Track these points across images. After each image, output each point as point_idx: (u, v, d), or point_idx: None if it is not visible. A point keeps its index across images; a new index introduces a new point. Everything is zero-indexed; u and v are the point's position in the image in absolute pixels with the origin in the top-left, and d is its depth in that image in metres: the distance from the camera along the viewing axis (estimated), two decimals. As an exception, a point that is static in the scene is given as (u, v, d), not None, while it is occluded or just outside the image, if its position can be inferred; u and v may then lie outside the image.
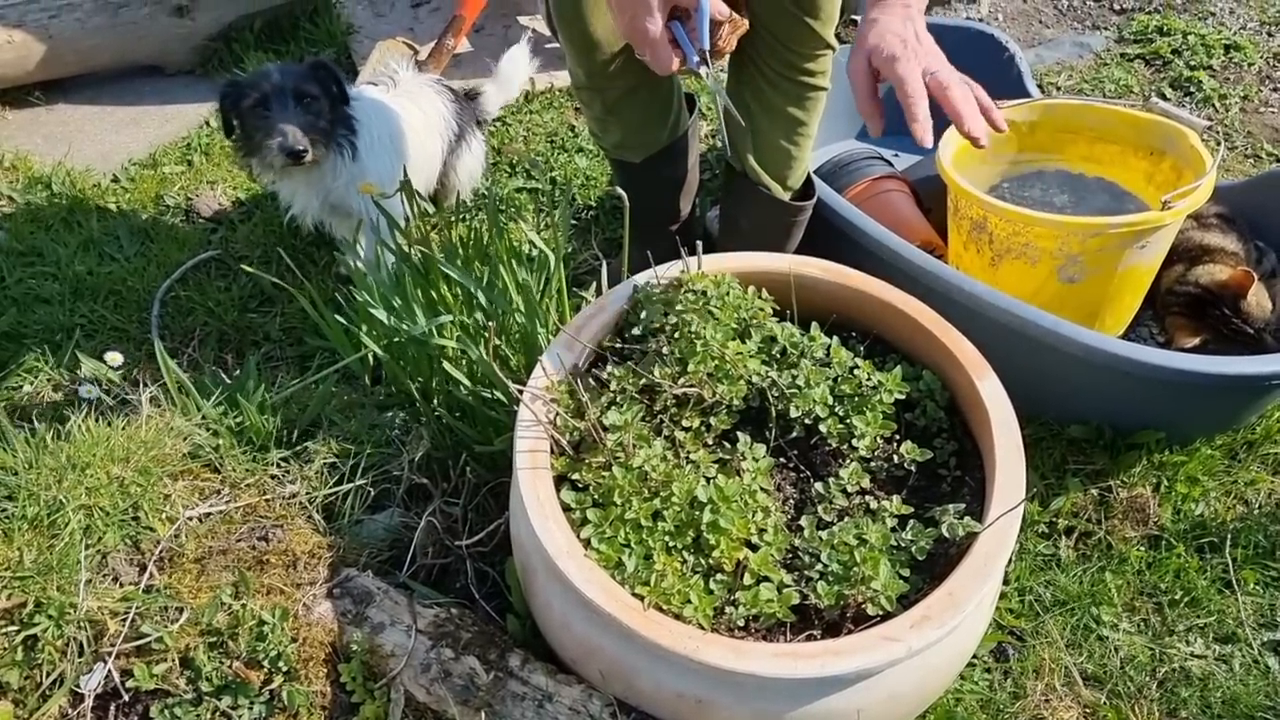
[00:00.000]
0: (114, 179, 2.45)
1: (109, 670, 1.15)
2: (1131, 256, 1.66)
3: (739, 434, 1.21)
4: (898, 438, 1.22)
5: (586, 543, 1.09)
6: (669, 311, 1.27)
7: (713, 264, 1.34)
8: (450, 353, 1.48)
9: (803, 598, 1.08)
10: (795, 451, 1.24)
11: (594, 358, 1.30)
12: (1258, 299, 1.75)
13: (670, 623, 1.02)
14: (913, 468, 1.20)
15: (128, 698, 1.15)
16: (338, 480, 1.41)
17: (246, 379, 1.57)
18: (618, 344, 1.30)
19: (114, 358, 1.71)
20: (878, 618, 1.05)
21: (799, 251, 1.79)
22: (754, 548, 1.12)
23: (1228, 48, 2.92)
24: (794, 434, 1.23)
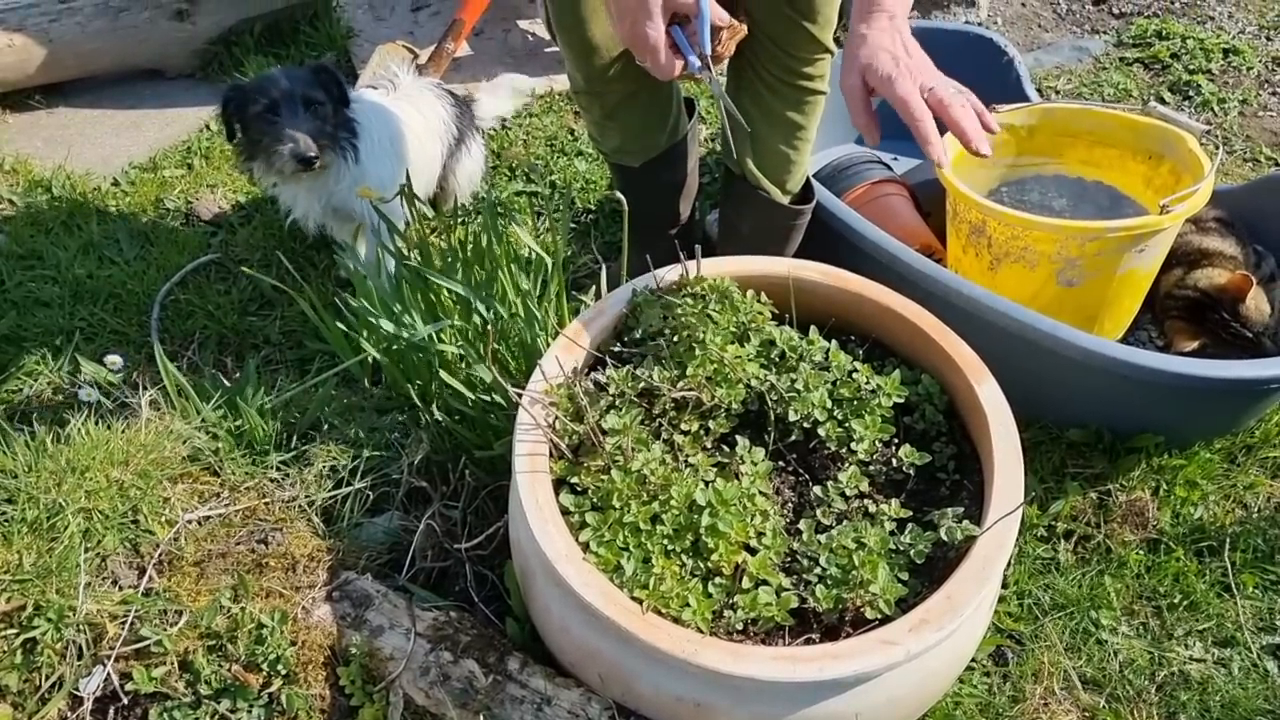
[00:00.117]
0: (114, 182, 2.45)
1: (108, 673, 1.15)
2: (1130, 260, 1.66)
3: (738, 437, 1.22)
4: (896, 441, 1.22)
5: (585, 546, 1.09)
6: (668, 315, 1.28)
7: (712, 267, 1.34)
8: (449, 358, 1.48)
9: (801, 601, 1.08)
10: (794, 455, 1.24)
11: (593, 361, 1.30)
12: (1256, 303, 1.75)
13: (669, 626, 1.02)
14: (911, 471, 1.20)
15: (127, 700, 1.15)
16: (337, 483, 1.41)
17: (246, 382, 1.57)
18: (617, 347, 1.30)
19: (114, 361, 1.71)
20: (876, 621, 1.05)
21: (798, 255, 1.79)
22: (753, 551, 1.12)
23: (1226, 52, 2.92)
24: (793, 437, 1.23)
